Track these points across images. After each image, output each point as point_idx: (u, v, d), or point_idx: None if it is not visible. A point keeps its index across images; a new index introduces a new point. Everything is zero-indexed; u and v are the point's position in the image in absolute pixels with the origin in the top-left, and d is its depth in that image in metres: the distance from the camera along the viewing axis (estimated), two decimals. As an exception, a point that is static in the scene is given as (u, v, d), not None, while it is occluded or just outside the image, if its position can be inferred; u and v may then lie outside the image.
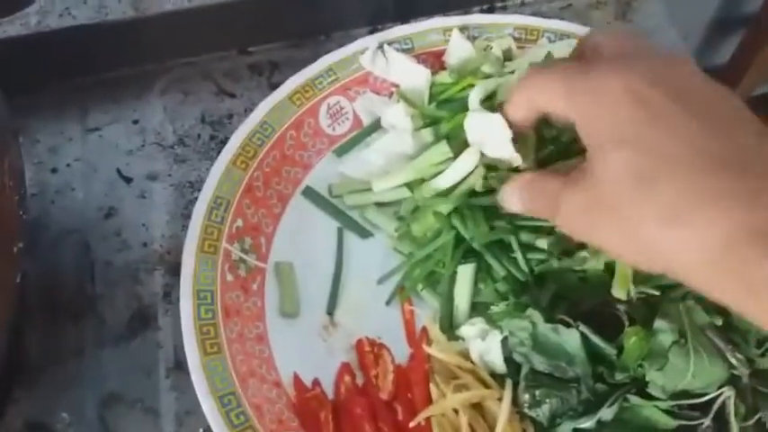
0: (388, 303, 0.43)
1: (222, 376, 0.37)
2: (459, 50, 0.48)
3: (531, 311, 0.38)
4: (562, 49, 0.46)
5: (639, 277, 0.38)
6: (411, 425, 0.37)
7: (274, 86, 0.53)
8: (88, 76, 0.54)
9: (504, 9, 0.56)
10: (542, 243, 0.40)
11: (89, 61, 0.53)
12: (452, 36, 0.48)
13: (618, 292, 0.37)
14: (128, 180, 0.50)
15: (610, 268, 0.39)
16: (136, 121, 0.52)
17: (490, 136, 0.39)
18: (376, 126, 0.48)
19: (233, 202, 0.43)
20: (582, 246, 0.40)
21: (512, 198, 0.35)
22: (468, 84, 0.45)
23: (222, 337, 0.38)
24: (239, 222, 0.43)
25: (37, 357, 0.44)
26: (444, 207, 0.41)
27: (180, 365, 0.43)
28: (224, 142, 0.51)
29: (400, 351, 0.41)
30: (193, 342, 0.38)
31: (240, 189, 0.43)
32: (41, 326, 0.45)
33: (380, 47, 0.48)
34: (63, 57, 0.52)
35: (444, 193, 0.41)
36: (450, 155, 0.42)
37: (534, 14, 0.55)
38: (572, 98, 0.31)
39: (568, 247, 0.40)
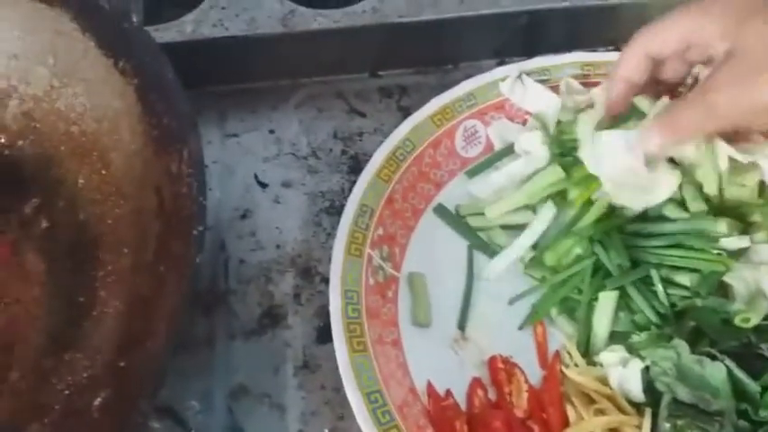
0: (520, 328, 0.43)
1: (369, 374, 0.38)
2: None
3: (676, 341, 0.38)
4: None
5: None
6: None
7: (402, 109, 0.56)
8: (229, 84, 0.57)
9: (630, 52, 0.58)
10: (685, 280, 0.40)
11: (233, 71, 0.56)
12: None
13: None
14: (263, 185, 0.52)
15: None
16: (272, 131, 0.55)
17: (610, 156, 0.41)
18: (508, 151, 0.49)
19: (376, 210, 0.44)
20: (724, 292, 0.41)
21: (651, 135, 0.39)
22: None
23: (367, 337, 0.39)
24: (380, 231, 0.44)
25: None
26: (588, 233, 0.41)
27: (307, 365, 0.44)
28: (354, 158, 0.53)
29: (531, 372, 0.41)
30: (342, 338, 0.39)
31: (383, 199, 0.45)
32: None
33: (520, 76, 0.50)
34: (209, 64, 0.55)
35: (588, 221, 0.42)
36: (563, 175, 0.44)
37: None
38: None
39: (713, 287, 0.40)
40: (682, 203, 0.42)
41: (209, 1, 0.56)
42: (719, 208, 0.41)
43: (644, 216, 0.43)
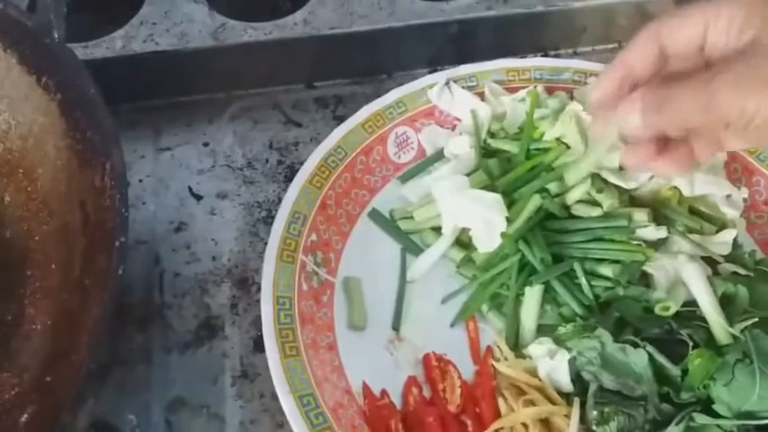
0: (452, 325, 0.44)
1: (301, 378, 0.38)
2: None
3: (600, 332, 0.39)
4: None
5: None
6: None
7: (338, 118, 0.56)
8: (162, 98, 0.57)
9: (557, 57, 0.60)
10: (608, 271, 0.42)
11: (165, 85, 0.56)
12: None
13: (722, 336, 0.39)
14: (198, 197, 0.52)
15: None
16: (206, 144, 0.55)
17: None
18: (438, 156, 0.50)
19: (309, 217, 0.45)
20: (645, 282, 0.42)
21: (632, 106, 0.33)
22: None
23: (300, 341, 0.40)
24: (313, 236, 0.45)
25: (105, 359, 0.44)
26: (512, 231, 0.43)
27: (245, 374, 0.44)
28: (290, 167, 0.54)
29: (464, 368, 0.42)
30: (274, 344, 0.39)
31: (315, 206, 0.46)
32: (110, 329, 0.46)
33: (447, 83, 0.51)
34: (141, 79, 0.55)
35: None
36: (488, 181, 0.46)
37: (584, 65, 0.59)
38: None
39: (633, 276, 0.42)
40: (594, 202, 0.43)
41: (139, 16, 0.56)
42: (636, 199, 0.43)
43: (565, 212, 0.44)
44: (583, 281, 0.41)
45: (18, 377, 0.38)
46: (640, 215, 0.42)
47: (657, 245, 0.43)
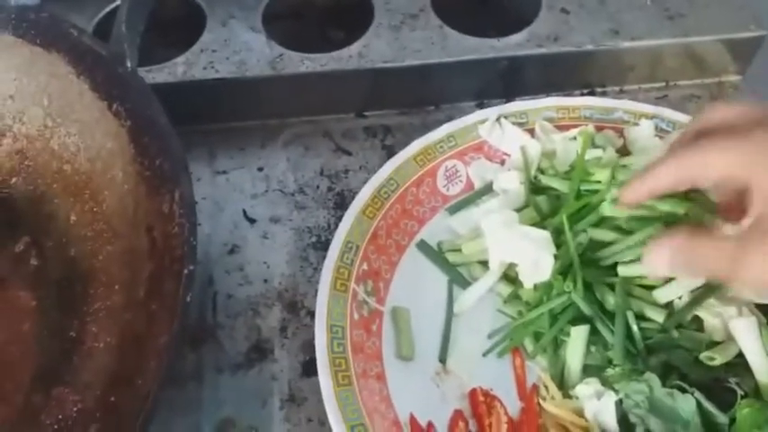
0: (499, 356, 0.44)
1: (353, 407, 0.39)
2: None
3: (648, 375, 0.39)
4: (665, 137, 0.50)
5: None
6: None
7: (386, 148, 0.58)
8: (218, 123, 0.59)
9: (603, 95, 0.61)
10: (658, 317, 0.42)
11: (222, 110, 0.58)
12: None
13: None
14: (252, 221, 0.53)
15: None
16: (260, 169, 0.56)
17: None
18: (487, 189, 0.51)
19: (361, 246, 0.46)
20: (698, 325, 0.42)
21: (660, 259, 0.34)
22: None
23: (352, 371, 0.41)
24: (365, 266, 0.46)
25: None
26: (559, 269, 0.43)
27: (293, 399, 0.45)
28: (340, 194, 0.55)
29: (509, 404, 0.43)
30: (327, 373, 0.40)
31: (368, 236, 0.47)
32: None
33: (498, 119, 0.53)
34: (199, 104, 0.57)
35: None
36: (537, 219, 0.46)
37: (631, 102, 0.60)
38: (745, 158, 0.33)
39: (684, 322, 0.42)
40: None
41: (200, 44, 0.58)
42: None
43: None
44: (634, 328, 0.42)
45: (80, 393, 0.40)
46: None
47: (713, 289, 0.43)
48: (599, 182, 0.47)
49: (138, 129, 0.44)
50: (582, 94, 0.61)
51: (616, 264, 0.44)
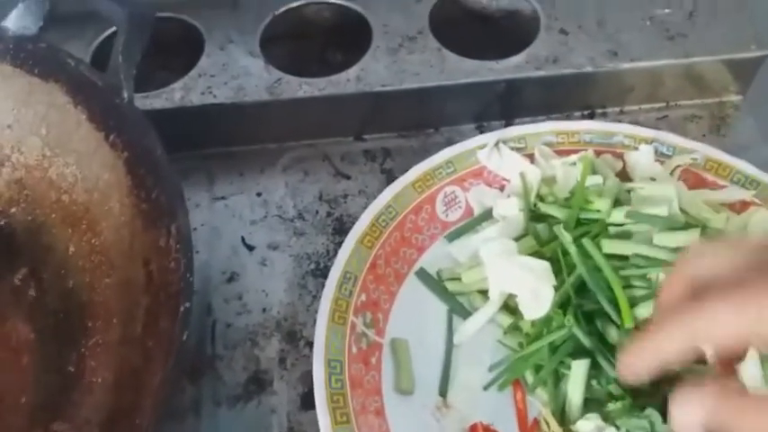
0: (500, 389, 0.44)
1: (352, 446, 0.39)
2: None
3: (650, 411, 0.39)
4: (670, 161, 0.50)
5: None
6: None
7: (385, 171, 0.58)
8: (216, 147, 0.58)
9: (604, 116, 0.60)
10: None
11: (220, 135, 0.58)
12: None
13: None
14: (250, 248, 0.53)
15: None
16: (259, 194, 0.56)
17: None
18: (487, 215, 0.51)
19: (359, 277, 0.46)
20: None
21: (692, 408, 0.30)
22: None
23: (350, 407, 0.40)
24: (363, 297, 0.46)
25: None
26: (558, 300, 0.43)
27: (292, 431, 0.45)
28: (338, 219, 0.55)
29: (511, 438, 0.42)
30: (326, 411, 0.40)
31: (366, 266, 0.46)
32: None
33: (497, 144, 0.52)
34: (197, 129, 0.57)
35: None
36: (536, 247, 0.46)
37: (632, 124, 0.59)
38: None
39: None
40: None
41: (197, 68, 0.58)
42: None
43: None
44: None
45: (79, 430, 0.40)
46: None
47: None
48: (599, 210, 0.46)
49: (134, 160, 0.44)
50: (582, 116, 0.60)
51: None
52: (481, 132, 0.59)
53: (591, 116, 0.60)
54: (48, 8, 0.49)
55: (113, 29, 0.59)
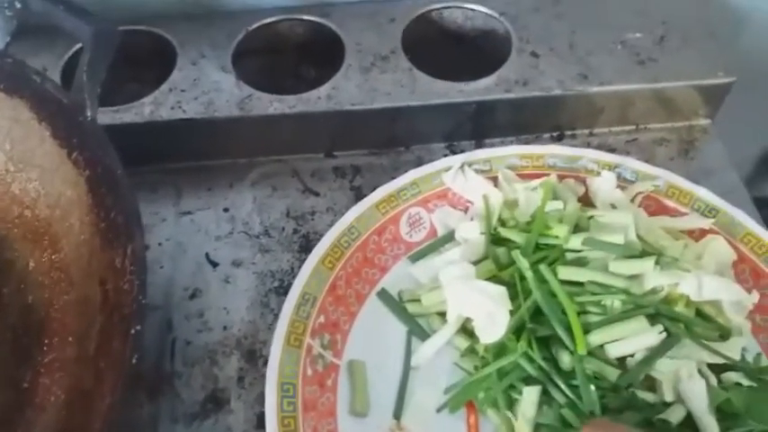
0: (451, 411, 0.44)
1: (300, 470, 0.39)
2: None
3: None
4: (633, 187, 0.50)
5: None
6: None
7: (355, 189, 0.58)
8: (185, 162, 0.59)
9: (573, 138, 0.61)
10: (612, 375, 0.42)
11: (189, 150, 0.58)
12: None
13: None
14: (214, 264, 0.53)
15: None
16: (226, 209, 0.56)
17: None
18: (449, 237, 0.51)
19: (319, 298, 0.46)
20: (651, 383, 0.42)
21: None
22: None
23: (301, 430, 0.40)
24: (322, 318, 0.46)
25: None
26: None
27: (248, 451, 0.45)
28: (305, 236, 0.55)
29: (463, 461, 0.43)
30: (276, 433, 0.40)
31: (326, 287, 0.47)
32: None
33: (462, 167, 0.53)
34: (166, 143, 0.57)
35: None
36: (495, 271, 0.46)
37: (601, 146, 0.60)
38: None
39: (637, 381, 0.42)
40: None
41: (168, 83, 0.58)
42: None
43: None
44: (591, 388, 0.42)
45: (30, 448, 0.40)
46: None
47: (665, 347, 0.43)
48: (557, 236, 0.47)
49: (95, 179, 0.44)
50: (552, 137, 0.61)
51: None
52: (452, 151, 0.59)
53: (560, 138, 0.61)
54: (15, 25, 0.49)
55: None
